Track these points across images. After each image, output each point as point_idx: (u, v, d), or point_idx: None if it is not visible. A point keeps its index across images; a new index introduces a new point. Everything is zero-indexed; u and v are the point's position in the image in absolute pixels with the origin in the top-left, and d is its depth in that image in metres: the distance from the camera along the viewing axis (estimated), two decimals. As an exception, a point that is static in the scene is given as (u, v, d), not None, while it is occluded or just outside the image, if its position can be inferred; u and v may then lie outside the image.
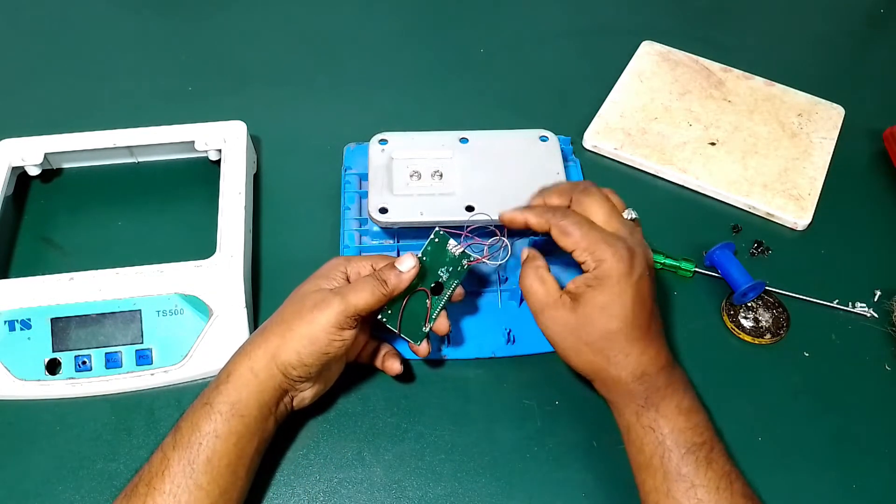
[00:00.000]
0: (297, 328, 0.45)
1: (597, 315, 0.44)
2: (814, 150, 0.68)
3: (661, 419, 0.44)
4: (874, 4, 0.86)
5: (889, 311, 0.58)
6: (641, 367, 0.45)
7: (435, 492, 0.50)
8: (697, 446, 0.43)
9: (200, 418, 0.44)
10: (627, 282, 0.44)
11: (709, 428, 0.45)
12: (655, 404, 0.44)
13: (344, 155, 0.65)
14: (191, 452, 0.43)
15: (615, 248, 0.44)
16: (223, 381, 0.45)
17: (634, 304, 0.44)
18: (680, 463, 0.43)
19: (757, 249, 0.62)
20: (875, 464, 0.52)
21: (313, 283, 0.48)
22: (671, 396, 0.45)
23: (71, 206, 0.64)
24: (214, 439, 0.44)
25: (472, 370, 0.55)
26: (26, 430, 0.52)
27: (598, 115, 0.70)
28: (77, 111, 0.71)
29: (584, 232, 0.45)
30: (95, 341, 0.53)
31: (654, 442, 0.44)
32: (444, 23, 0.81)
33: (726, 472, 0.43)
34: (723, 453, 0.44)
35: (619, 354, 0.45)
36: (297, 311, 0.46)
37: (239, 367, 0.45)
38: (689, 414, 0.44)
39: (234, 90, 0.73)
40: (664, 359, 0.46)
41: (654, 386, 0.45)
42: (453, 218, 0.55)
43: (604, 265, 0.44)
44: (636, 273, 0.44)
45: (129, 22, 0.79)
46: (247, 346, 0.46)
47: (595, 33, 0.80)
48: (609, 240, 0.45)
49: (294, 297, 0.48)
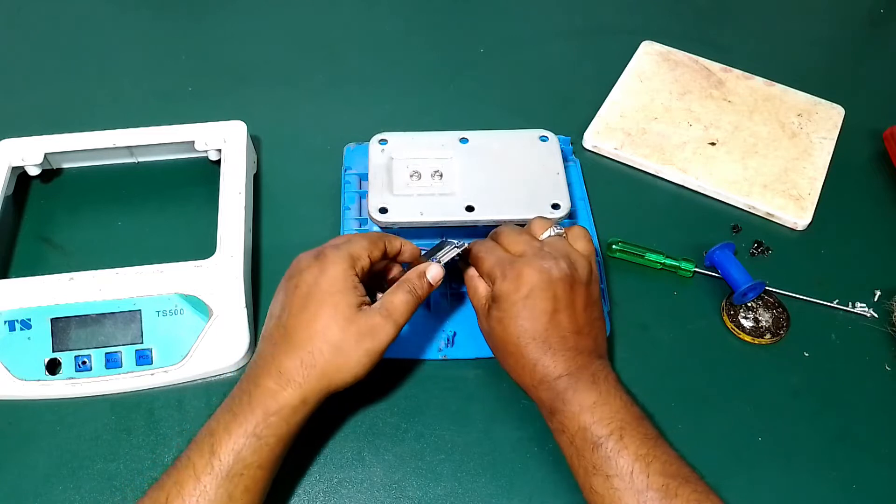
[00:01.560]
0: (352, 355, 0.45)
1: (494, 326, 0.48)
2: (814, 150, 0.68)
3: (566, 421, 0.45)
4: (874, 4, 0.86)
5: (889, 311, 0.58)
6: (538, 373, 0.47)
7: (435, 492, 0.50)
8: (605, 438, 0.44)
9: (245, 448, 0.43)
10: (513, 299, 0.47)
11: (619, 417, 0.44)
12: (559, 409, 0.46)
13: (344, 155, 0.65)
14: (231, 483, 0.42)
15: (502, 270, 0.48)
16: (272, 411, 0.44)
17: (522, 320, 0.47)
18: (591, 458, 0.44)
19: (757, 249, 0.62)
20: (875, 464, 0.52)
21: (339, 296, 0.45)
22: (572, 398, 0.45)
23: (71, 206, 0.64)
24: (257, 470, 0.43)
25: (472, 370, 0.55)
26: (26, 430, 0.52)
27: (598, 115, 0.70)
28: (77, 111, 0.71)
29: (484, 256, 0.50)
30: (95, 341, 0.53)
31: (566, 443, 0.45)
32: (444, 23, 0.81)
33: (641, 455, 0.43)
34: (638, 437, 0.44)
35: (518, 363, 0.48)
36: (345, 338, 0.45)
37: (291, 399, 0.44)
38: (594, 409, 0.45)
39: (234, 90, 0.73)
40: (563, 368, 0.46)
41: (554, 391, 0.46)
42: (453, 218, 0.55)
43: (495, 285, 0.48)
44: (523, 290, 0.47)
45: (129, 22, 0.79)
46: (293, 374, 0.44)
47: (595, 33, 0.80)
48: (500, 262, 0.49)
49: (327, 316, 0.45)
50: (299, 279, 0.47)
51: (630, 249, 0.60)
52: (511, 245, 0.50)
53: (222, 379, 0.54)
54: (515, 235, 0.51)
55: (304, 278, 0.46)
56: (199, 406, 0.53)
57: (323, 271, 0.46)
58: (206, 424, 0.45)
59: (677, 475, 0.43)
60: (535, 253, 0.48)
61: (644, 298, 0.59)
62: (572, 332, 0.47)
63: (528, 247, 0.49)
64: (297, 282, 0.47)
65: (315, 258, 0.47)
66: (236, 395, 0.45)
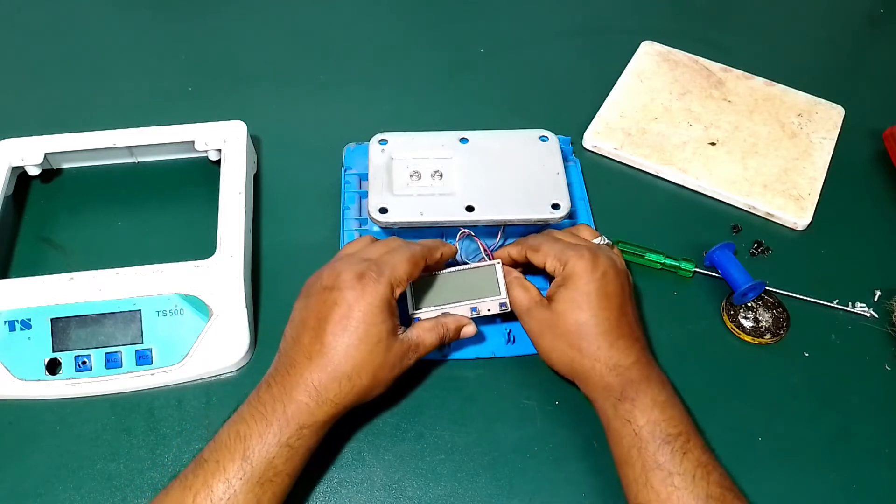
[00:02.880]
0: (383, 380, 0.48)
1: (566, 308, 0.48)
2: (814, 150, 0.68)
3: (636, 411, 0.46)
4: (874, 4, 0.86)
5: (889, 311, 0.58)
6: (613, 358, 0.47)
7: (435, 492, 0.50)
8: (673, 437, 0.45)
9: (278, 457, 0.44)
10: (591, 277, 0.48)
11: (685, 421, 0.46)
12: (630, 397, 0.46)
13: (344, 155, 0.65)
14: (261, 489, 0.43)
15: (577, 251, 0.50)
16: (307, 424, 0.45)
17: (599, 297, 0.48)
18: (656, 453, 0.44)
19: (757, 249, 0.62)
20: (875, 464, 0.52)
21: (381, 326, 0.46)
22: (646, 390, 0.46)
23: (71, 206, 0.64)
24: (285, 477, 0.45)
25: (472, 370, 0.55)
26: (26, 430, 0.52)
27: (598, 115, 0.70)
28: (77, 111, 0.71)
29: (550, 244, 0.51)
30: (95, 341, 0.53)
31: (630, 434, 0.45)
32: (444, 23, 0.81)
33: (703, 462, 0.44)
34: (700, 445, 0.45)
35: (592, 345, 0.48)
36: (382, 365, 0.47)
37: (325, 416, 0.46)
38: (665, 407, 0.46)
39: (234, 90, 0.73)
40: (636, 353, 0.48)
41: (627, 378, 0.47)
42: (453, 218, 0.55)
43: (568, 265, 0.49)
44: (599, 270, 0.49)
45: (129, 22, 0.79)
46: (330, 394, 0.46)
47: (595, 33, 0.80)
48: (571, 246, 0.51)
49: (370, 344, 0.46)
50: (339, 296, 0.46)
51: (630, 249, 0.60)
52: (570, 239, 0.53)
53: (222, 379, 0.54)
54: (571, 233, 0.55)
55: (344, 297, 0.46)
56: (198, 406, 0.53)
57: (364, 296, 0.46)
58: (232, 427, 0.45)
59: (732, 489, 0.44)
60: (597, 245, 0.52)
61: (644, 298, 0.59)
62: (636, 325, 0.50)
63: (584, 242, 0.53)
64: (336, 298, 0.46)
65: (357, 279, 0.46)
66: (268, 401, 0.45)
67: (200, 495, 0.42)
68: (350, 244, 0.53)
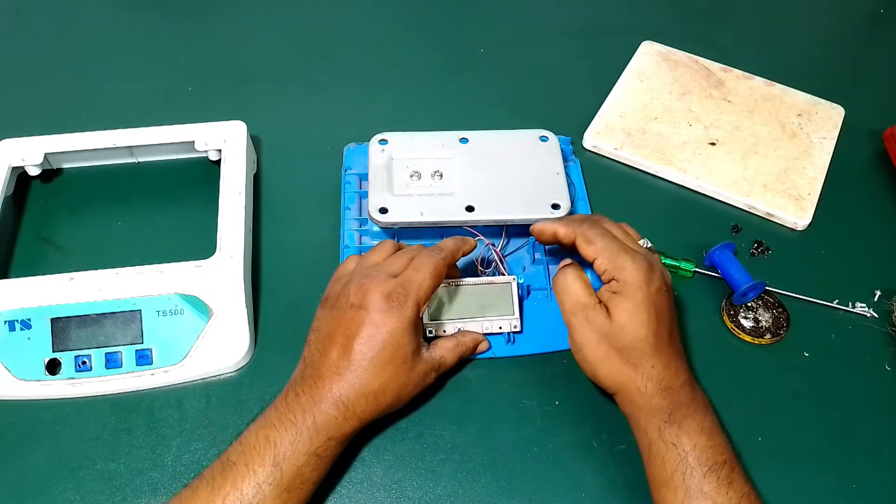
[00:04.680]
0: (406, 396, 0.49)
1: (627, 320, 0.46)
2: (814, 150, 0.68)
3: (683, 436, 0.45)
4: (874, 4, 0.86)
5: (889, 311, 0.58)
6: (665, 380, 0.46)
7: (435, 492, 0.50)
8: (719, 465, 0.44)
9: (306, 465, 0.45)
10: (647, 291, 0.46)
11: (729, 448, 0.46)
12: (678, 421, 0.45)
13: (344, 155, 0.65)
14: (288, 494, 0.44)
15: (634, 258, 0.47)
16: (334, 436, 0.46)
17: (656, 313, 0.46)
18: (702, 481, 0.43)
19: (757, 249, 0.62)
20: (875, 464, 0.52)
21: (408, 347, 0.47)
22: (694, 415, 0.46)
23: (71, 206, 0.64)
24: (311, 485, 0.46)
25: (472, 370, 0.55)
26: (26, 430, 0.52)
27: (598, 115, 0.70)
28: (77, 111, 0.71)
29: (606, 242, 0.48)
30: (95, 341, 0.53)
31: (676, 459, 0.44)
32: (444, 23, 0.81)
33: (745, 492, 0.44)
34: (742, 474, 0.45)
35: (647, 364, 0.46)
36: (407, 383, 0.48)
37: (351, 428, 0.47)
38: (711, 433, 0.45)
39: (234, 90, 0.73)
40: (685, 375, 0.47)
41: (677, 402, 0.46)
42: (453, 218, 0.55)
43: (624, 272, 0.46)
44: (654, 284, 0.47)
45: (128, 22, 0.79)
46: (357, 409, 0.46)
47: (595, 33, 0.80)
48: (629, 251, 0.48)
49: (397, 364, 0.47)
50: (367, 317, 0.46)
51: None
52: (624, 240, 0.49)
53: (222, 379, 0.54)
54: (623, 231, 0.51)
55: (372, 318, 0.46)
56: (198, 406, 0.53)
57: (391, 318, 0.46)
58: (261, 431, 0.45)
59: None
60: (649, 253, 0.49)
61: (644, 298, 0.59)
62: (681, 344, 0.49)
63: (637, 246, 0.50)
64: (364, 318, 0.46)
65: (385, 300, 0.47)
66: (297, 411, 0.45)
67: (230, 497, 0.43)
68: (374, 252, 0.52)
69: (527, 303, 0.57)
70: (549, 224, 0.52)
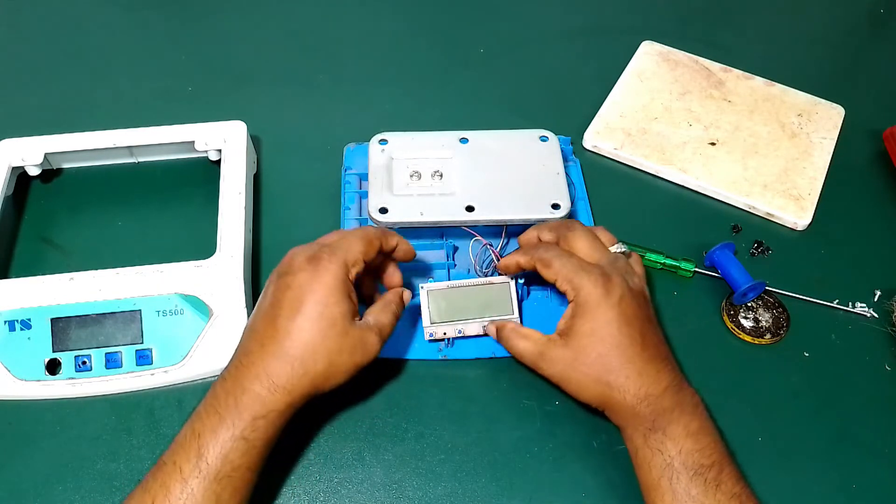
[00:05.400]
0: (342, 366, 0.45)
1: (587, 341, 0.46)
2: (814, 150, 0.68)
3: (668, 441, 0.44)
4: (874, 4, 0.86)
5: (889, 311, 0.58)
6: (644, 387, 0.45)
7: (435, 492, 0.50)
8: (706, 468, 0.44)
9: (233, 451, 0.43)
10: (608, 304, 0.46)
11: (718, 450, 0.45)
12: (662, 427, 0.45)
13: (344, 155, 0.65)
14: (219, 485, 0.42)
15: (590, 275, 0.47)
16: (260, 415, 0.43)
17: (620, 325, 0.46)
18: (689, 485, 0.43)
19: (757, 249, 0.62)
20: (875, 464, 0.52)
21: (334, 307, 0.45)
22: (679, 418, 0.45)
23: (71, 206, 0.64)
24: (245, 472, 0.43)
25: (472, 370, 0.55)
26: (26, 430, 0.52)
27: (598, 115, 0.70)
28: (77, 111, 0.71)
29: (562, 262, 0.48)
30: (95, 341, 0.53)
31: (662, 464, 0.44)
32: (444, 23, 0.81)
33: (736, 493, 0.43)
34: (733, 475, 0.44)
35: (619, 377, 0.46)
36: (339, 350, 0.45)
37: (279, 404, 0.44)
38: (698, 436, 0.45)
39: (234, 90, 0.73)
40: (667, 379, 0.46)
41: (659, 408, 0.45)
42: (453, 218, 0.55)
43: (582, 292, 0.46)
44: (615, 296, 0.46)
45: (129, 22, 0.79)
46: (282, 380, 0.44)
47: (595, 33, 0.80)
48: (586, 268, 0.47)
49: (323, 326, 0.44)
50: (292, 279, 0.45)
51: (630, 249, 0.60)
52: (587, 255, 0.49)
53: (222, 379, 0.54)
54: (589, 242, 0.50)
55: (296, 279, 0.45)
56: (199, 406, 0.53)
57: (316, 277, 0.45)
58: (189, 426, 0.44)
59: None
60: (611, 263, 0.48)
61: (644, 298, 0.59)
62: (661, 342, 0.48)
63: (602, 256, 0.49)
64: (288, 281, 0.45)
65: (309, 261, 0.46)
66: (220, 395, 0.44)
67: (158, 498, 0.41)
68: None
69: (526, 303, 0.57)
70: (511, 257, 0.52)
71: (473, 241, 0.56)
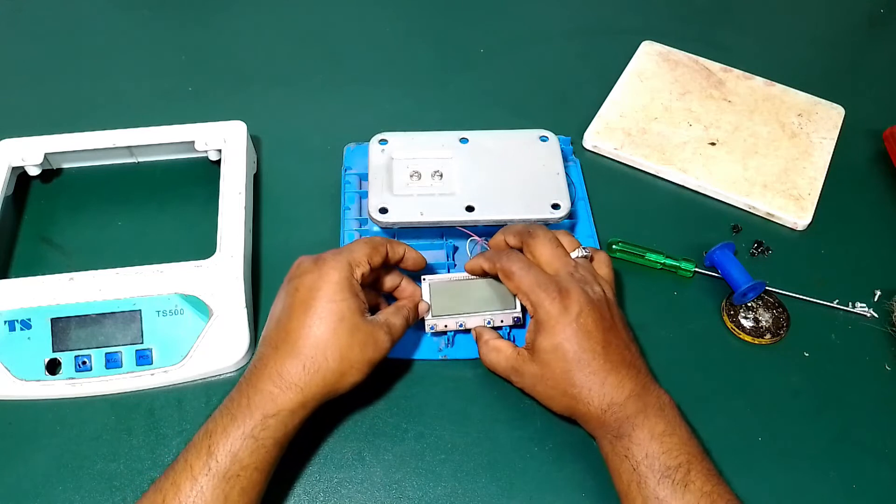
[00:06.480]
0: (355, 362, 0.46)
1: (551, 357, 0.47)
2: (814, 150, 0.68)
3: (633, 447, 0.45)
4: (874, 4, 0.86)
5: (889, 311, 0.58)
6: (607, 397, 0.46)
7: (435, 492, 0.50)
8: (673, 470, 0.44)
9: (242, 450, 0.43)
10: (566, 321, 0.46)
11: (686, 450, 0.45)
12: (627, 433, 0.45)
13: (344, 155, 0.65)
14: (227, 484, 0.42)
15: (547, 292, 0.47)
16: (270, 413, 0.44)
17: (580, 338, 0.46)
18: (657, 488, 0.43)
19: (757, 249, 0.62)
20: (875, 464, 0.52)
21: (343, 303, 0.46)
22: (643, 423, 0.45)
23: (71, 206, 0.64)
24: (253, 471, 0.43)
25: (472, 370, 0.55)
26: (26, 430, 0.52)
27: (598, 115, 0.70)
28: (77, 111, 0.71)
29: (521, 275, 0.48)
30: (95, 341, 0.53)
31: (629, 470, 0.45)
32: (444, 23, 0.81)
33: (706, 491, 0.43)
34: (703, 473, 0.44)
35: (583, 390, 0.46)
36: (350, 345, 0.45)
37: (290, 403, 0.44)
38: (663, 438, 0.45)
39: (234, 90, 0.73)
40: (630, 384, 0.46)
41: (623, 415, 0.45)
42: (453, 218, 0.55)
43: (540, 310, 0.47)
44: (572, 312, 0.46)
45: (129, 22, 0.79)
46: (294, 378, 0.44)
47: (595, 33, 0.80)
48: (543, 283, 0.47)
49: (332, 322, 0.45)
50: (299, 282, 0.47)
51: (630, 249, 0.60)
52: (547, 263, 0.49)
53: (222, 379, 0.54)
54: (550, 250, 0.50)
55: (303, 281, 0.46)
56: (198, 406, 0.53)
57: (322, 276, 0.46)
58: (204, 427, 0.45)
59: None
60: (570, 272, 0.48)
61: (644, 298, 0.59)
62: (626, 349, 0.48)
63: (562, 266, 0.49)
64: (296, 284, 0.47)
65: (314, 262, 0.47)
66: (235, 397, 0.45)
67: (169, 495, 0.42)
68: None
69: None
70: (475, 260, 0.52)
71: (469, 240, 0.56)
